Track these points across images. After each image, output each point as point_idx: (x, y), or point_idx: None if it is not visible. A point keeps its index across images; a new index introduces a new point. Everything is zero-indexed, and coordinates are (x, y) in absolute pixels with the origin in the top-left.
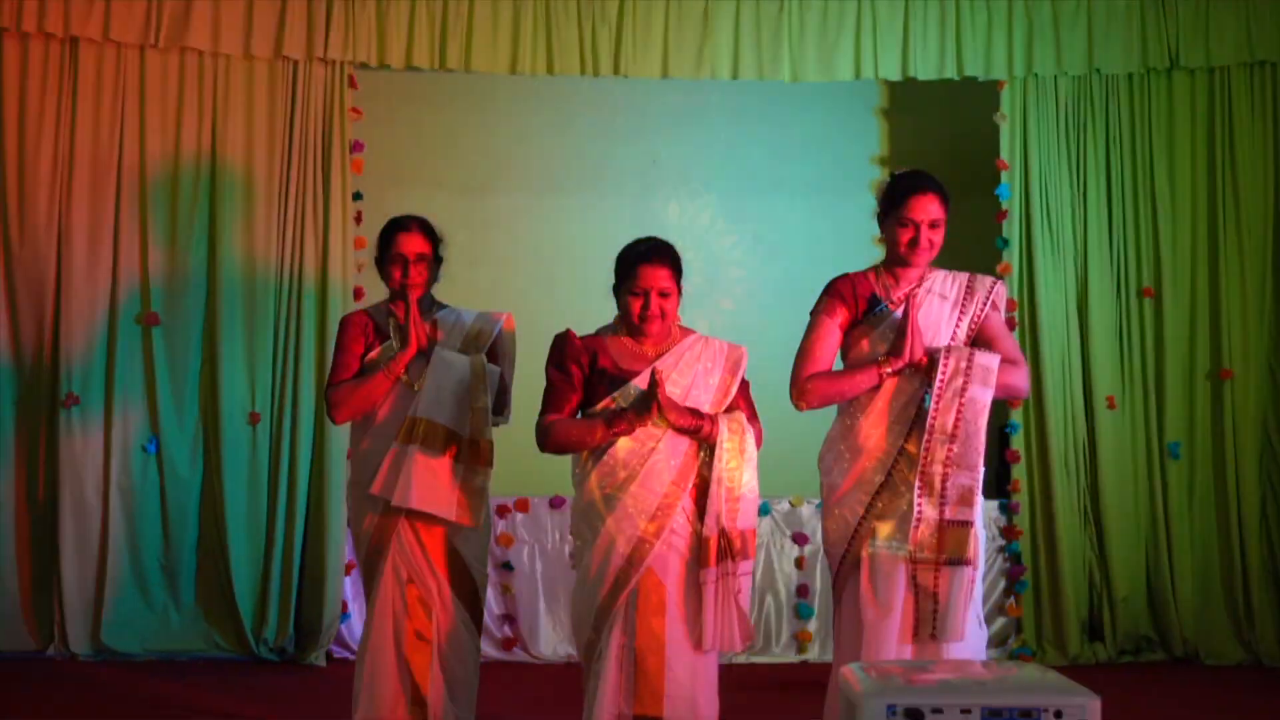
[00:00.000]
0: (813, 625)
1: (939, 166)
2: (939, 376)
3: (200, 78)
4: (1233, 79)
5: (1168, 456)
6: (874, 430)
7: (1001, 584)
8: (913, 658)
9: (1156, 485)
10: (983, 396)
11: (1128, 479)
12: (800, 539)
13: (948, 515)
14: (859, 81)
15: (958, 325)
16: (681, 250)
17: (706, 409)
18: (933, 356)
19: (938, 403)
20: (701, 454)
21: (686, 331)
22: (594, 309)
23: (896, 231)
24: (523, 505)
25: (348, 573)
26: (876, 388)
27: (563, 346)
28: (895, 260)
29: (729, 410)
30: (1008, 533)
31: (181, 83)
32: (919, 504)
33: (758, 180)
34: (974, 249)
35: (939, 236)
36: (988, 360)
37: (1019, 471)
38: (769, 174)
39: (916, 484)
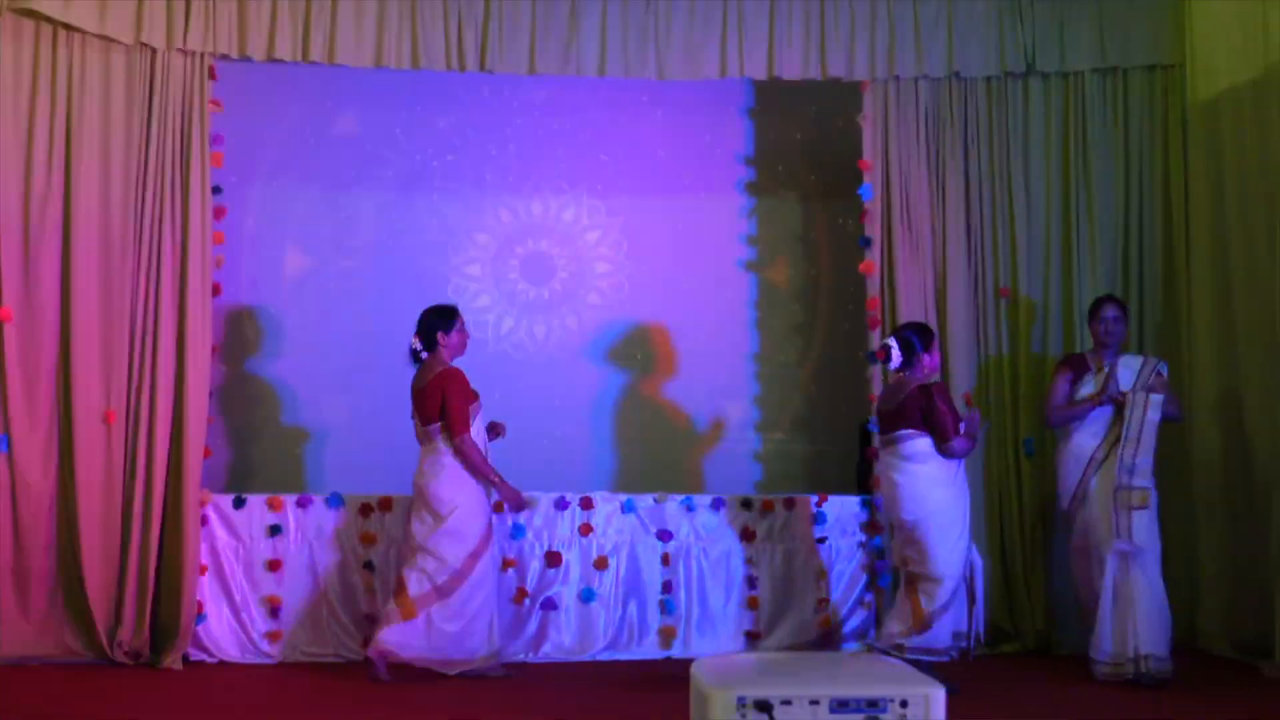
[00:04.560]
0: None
1: (804, 166)
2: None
3: (54, 59)
4: (1086, 84)
5: (1022, 453)
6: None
7: (864, 579)
8: None
9: (1011, 481)
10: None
11: (983, 475)
12: (664, 536)
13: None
14: (726, 80)
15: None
16: (547, 247)
17: None
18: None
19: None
20: None
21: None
22: (460, 302)
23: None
24: (386, 504)
25: (203, 573)
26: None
27: None
28: (1098, 344)
29: None
30: (869, 528)
31: (35, 63)
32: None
33: (624, 178)
34: (837, 248)
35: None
36: (1156, 398)
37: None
38: (636, 171)
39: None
